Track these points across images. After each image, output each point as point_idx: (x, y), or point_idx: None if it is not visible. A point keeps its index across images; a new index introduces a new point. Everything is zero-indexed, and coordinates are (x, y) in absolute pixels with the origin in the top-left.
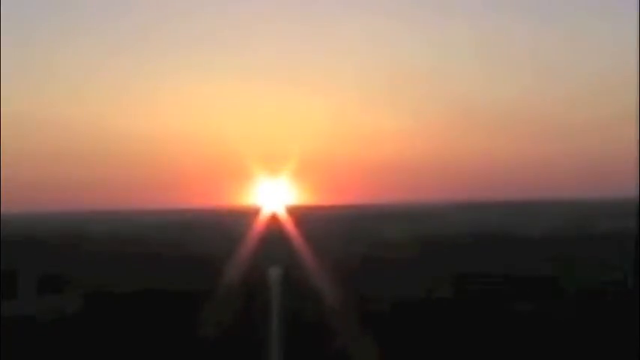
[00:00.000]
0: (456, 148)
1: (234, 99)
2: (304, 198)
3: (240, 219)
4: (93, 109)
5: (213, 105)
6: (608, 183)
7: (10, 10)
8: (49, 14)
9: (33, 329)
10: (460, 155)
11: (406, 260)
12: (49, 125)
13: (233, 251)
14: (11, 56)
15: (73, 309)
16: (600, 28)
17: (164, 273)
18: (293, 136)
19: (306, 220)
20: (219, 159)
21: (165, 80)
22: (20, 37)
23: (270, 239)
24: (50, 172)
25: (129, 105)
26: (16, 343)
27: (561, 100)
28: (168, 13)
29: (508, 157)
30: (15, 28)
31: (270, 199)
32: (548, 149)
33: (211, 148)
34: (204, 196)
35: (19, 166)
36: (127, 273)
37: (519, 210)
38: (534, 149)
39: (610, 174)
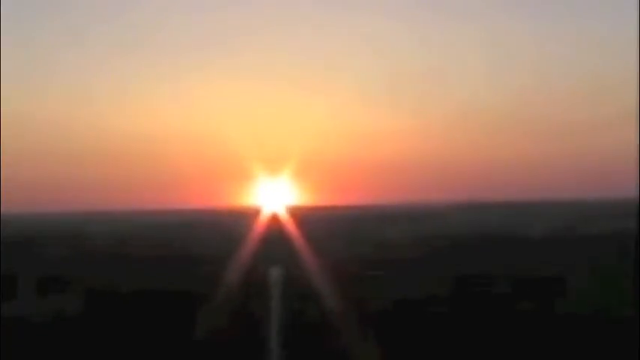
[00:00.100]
0: (456, 148)
1: (234, 99)
2: (304, 198)
3: (241, 219)
4: (93, 109)
5: (213, 105)
6: (608, 183)
7: (10, 10)
8: (49, 15)
9: (33, 330)
10: (460, 155)
11: (407, 261)
12: (49, 125)
13: (234, 251)
14: (11, 56)
15: (72, 309)
16: (600, 28)
17: (164, 273)
18: (293, 137)
19: (307, 221)
20: (219, 159)
21: (165, 80)
22: (20, 37)
23: (271, 239)
24: (50, 172)
25: (129, 105)
26: (16, 343)
27: (561, 100)
28: (168, 13)
29: (508, 157)
30: (15, 28)
31: (271, 199)
32: (548, 149)
33: (212, 148)
34: (204, 197)
35: (19, 166)
36: (127, 273)
37: (520, 210)
38: (534, 149)
39: (610, 174)
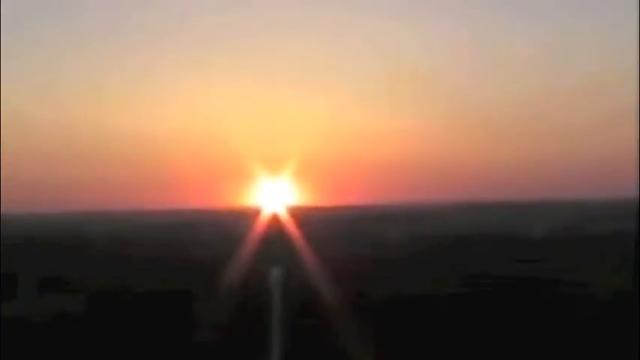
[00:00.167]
0: (456, 148)
1: (234, 99)
2: (305, 198)
3: (241, 220)
4: (93, 109)
5: (213, 105)
6: (608, 183)
7: (11, 10)
8: (49, 14)
9: (32, 331)
10: (460, 155)
11: (408, 261)
12: (49, 125)
13: (233, 252)
14: (11, 56)
15: (73, 309)
16: (600, 28)
17: (165, 274)
18: (294, 137)
19: (307, 221)
20: (219, 159)
21: (165, 80)
22: (20, 36)
23: (271, 240)
24: (50, 172)
25: (129, 105)
26: (16, 343)
27: (561, 100)
28: (168, 13)
29: (508, 157)
30: (15, 27)
31: (271, 199)
32: (548, 149)
33: (212, 148)
34: (204, 197)
35: (19, 166)
36: (127, 274)
37: (520, 210)
38: (534, 149)
39: (610, 174)
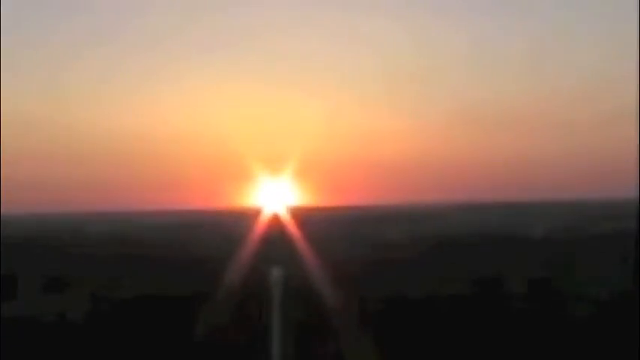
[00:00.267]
0: (456, 148)
1: (234, 99)
2: (305, 199)
3: (241, 220)
4: (93, 109)
5: (213, 105)
6: (608, 183)
7: (11, 10)
8: (49, 14)
9: (33, 330)
10: (460, 155)
11: (408, 261)
12: (49, 125)
13: (234, 252)
14: (11, 56)
15: (73, 309)
16: (600, 27)
17: (165, 274)
18: (294, 137)
19: (308, 221)
20: (219, 159)
21: (165, 80)
22: (20, 36)
23: (271, 240)
24: (50, 172)
25: (129, 105)
26: (16, 344)
27: (561, 100)
28: (168, 13)
29: (508, 157)
30: (15, 27)
31: (271, 199)
32: (548, 149)
33: (212, 148)
34: (204, 197)
35: (19, 166)
36: (127, 275)
37: (520, 210)
38: (534, 149)
39: (610, 174)
